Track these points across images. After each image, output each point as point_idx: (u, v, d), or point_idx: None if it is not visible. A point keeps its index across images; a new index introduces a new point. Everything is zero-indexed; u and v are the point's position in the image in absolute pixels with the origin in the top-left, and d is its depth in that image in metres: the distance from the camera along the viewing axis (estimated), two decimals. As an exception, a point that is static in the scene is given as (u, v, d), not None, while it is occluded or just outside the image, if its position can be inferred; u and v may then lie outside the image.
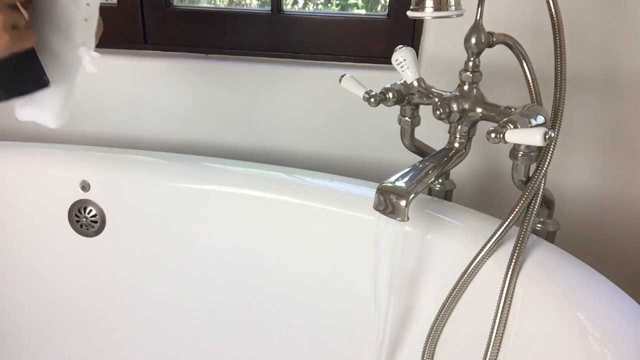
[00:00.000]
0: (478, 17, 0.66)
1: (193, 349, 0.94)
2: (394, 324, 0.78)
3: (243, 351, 0.92)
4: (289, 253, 0.85)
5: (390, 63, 0.74)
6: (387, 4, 0.96)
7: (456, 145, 0.72)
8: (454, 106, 0.68)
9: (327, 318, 0.85)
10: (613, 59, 0.85)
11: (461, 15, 0.64)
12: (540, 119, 0.62)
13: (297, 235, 0.84)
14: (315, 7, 1.13)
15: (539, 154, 0.66)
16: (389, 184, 0.63)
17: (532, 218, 0.65)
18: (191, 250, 0.90)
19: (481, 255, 0.66)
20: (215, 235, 0.88)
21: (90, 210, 0.91)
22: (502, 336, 0.63)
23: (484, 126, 0.67)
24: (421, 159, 0.71)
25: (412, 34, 0.95)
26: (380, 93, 0.74)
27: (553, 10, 0.66)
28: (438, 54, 0.90)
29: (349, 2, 1.10)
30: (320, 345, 0.87)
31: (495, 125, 0.61)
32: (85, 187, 0.90)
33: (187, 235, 0.89)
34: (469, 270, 0.67)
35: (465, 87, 0.69)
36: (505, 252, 0.65)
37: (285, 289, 0.87)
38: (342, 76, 0.77)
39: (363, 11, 1.10)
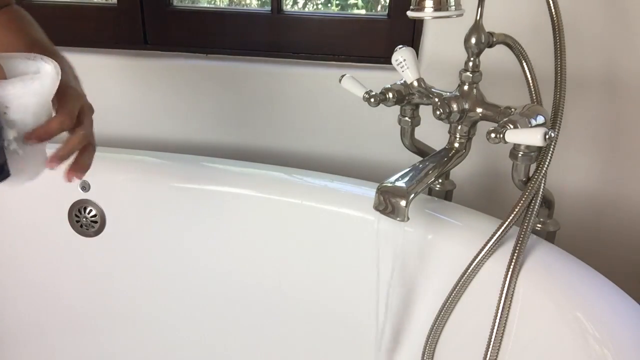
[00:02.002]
0: (478, 17, 0.66)
1: (193, 349, 0.94)
2: (394, 323, 0.78)
3: (243, 351, 0.92)
4: (289, 253, 0.85)
5: (391, 63, 0.74)
6: (387, 4, 0.96)
7: (456, 145, 0.72)
8: (454, 106, 0.68)
9: (326, 317, 0.85)
10: (613, 59, 0.85)
11: (461, 15, 0.64)
12: (540, 119, 0.62)
13: (297, 235, 0.84)
14: (315, 7, 1.13)
15: (539, 154, 0.66)
16: (389, 184, 0.63)
17: (532, 218, 0.65)
18: (191, 250, 0.90)
19: (481, 255, 0.66)
20: (214, 235, 0.88)
21: (90, 210, 0.91)
22: (502, 336, 0.63)
23: (484, 126, 0.67)
24: (421, 159, 0.71)
25: (412, 34, 0.95)
26: (380, 93, 0.74)
27: (553, 10, 0.66)
28: (438, 54, 0.90)
29: (349, 2, 1.10)
30: (320, 345, 0.87)
31: (495, 125, 0.61)
32: (85, 187, 0.90)
33: (187, 235, 0.89)
34: (469, 270, 0.67)
35: (465, 87, 0.69)
36: (505, 252, 0.65)
37: (285, 289, 0.87)
38: (342, 76, 0.78)
39: (363, 11, 1.10)
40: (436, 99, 0.70)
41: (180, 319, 0.93)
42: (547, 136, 0.57)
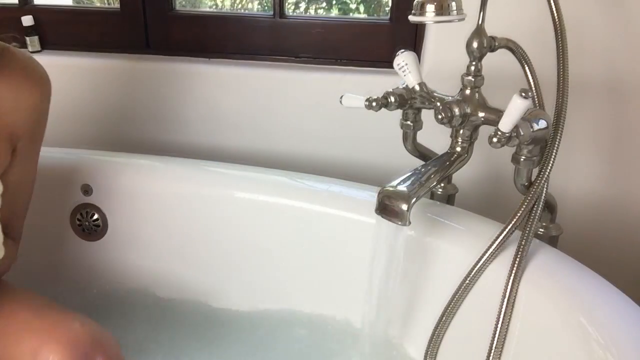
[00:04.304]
0: (480, 22, 0.66)
1: (193, 351, 0.94)
2: (396, 327, 0.78)
3: (244, 353, 0.92)
4: (290, 255, 0.85)
5: (392, 67, 0.74)
6: (390, 8, 0.97)
7: (458, 149, 0.71)
8: (456, 110, 0.68)
9: (327, 319, 0.85)
10: (615, 64, 0.85)
11: (463, 19, 0.64)
12: (543, 123, 0.62)
13: (298, 238, 0.84)
14: (316, 11, 1.13)
15: (541, 158, 0.66)
16: (391, 188, 0.63)
17: (535, 222, 0.65)
18: (192, 253, 0.90)
19: (483, 259, 0.66)
20: (216, 239, 0.88)
21: (93, 214, 0.91)
22: (504, 340, 0.63)
23: (486, 130, 0.67)
24: (423, 163, 0.71)
25: (414, 38, 0.95)
26: (382, 97, 0.74)
27: (555, 14, 0.66)
28: (440, 58, 0.90)
29: (350, 6, 1.10)
30: (320, 346, 0.87)
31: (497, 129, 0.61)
32: (87, 191, 0.90)
33: (188, 238, 0.89)
34: (471, 275, 0.66)
35: (467, 91, 0.69)
36: (507, 256, 0.65)
37: (286, 291, 0.87)
38: (341, 98, 0.77)
39: (365, 15, 1.10)
40: (438, 103, 0.70)
41: (181, 320, 0.93)
42: (523, 94, 0.57)
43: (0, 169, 0.62)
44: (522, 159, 0.66)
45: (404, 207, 0.61)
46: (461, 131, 0.71)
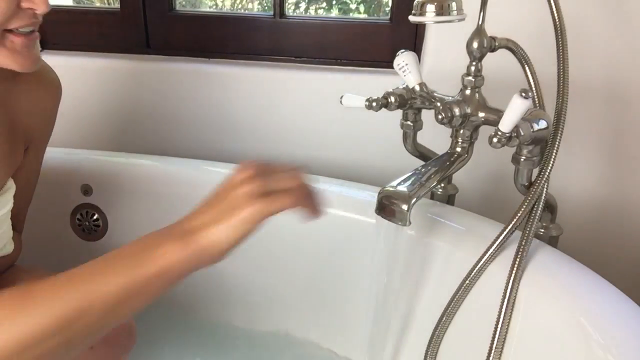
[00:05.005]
0: (480, 22, 0.66)
1: (195, 354, 0.94)
2: (396, 327, 0.78)
3: (248, 353, 0.92)
4: (290, 256, 0.85)
5: (393, 67, 0.74)
6: (390, 8, 0.97)
7: (458, 149, 0.71)
8: (456, 111, 0.68)
9: (327, 321, 0.85)
10: (615, 64, 0.85)
11: (463, 19, 0.64)
12: (543, 124, 0.62)
13: (298, 238, 0.84)
14: (316, 11, 1.13)
15: (541, 158, 0.66)
16: (391, 188, 0.63)
17: (535, 222, 0.65)
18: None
19: (484, 259, 0.66)
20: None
21: (93, 214, 0.91)
22: (504, 341, 0.63)
23: (486, 131, 0.67)
24: (423, 163, 0.71)
25: (414, 38, 0.95)
26: (382, 97, 0.74)
27: (556, 14, 0.66)
28: (440, 58, 0.90)
29: (350, 6, 1.10)
30: (321, 348, 0.87)
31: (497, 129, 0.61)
32: (87, 191, 0.90)
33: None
34: (471, 275, 0.66)
35: (468, 92, 0.69)
36: (507, 256, 0.65)
37: (286, 292, 0.87)
38: (341, 98, 0.77)
39: (365, 16, 1.10)
40: (438, 104, 0.70)
41: (181, 321, 0.93)
42: (523, 95, 0.57)
43: (13, 169, 0.64)
44: (522, 159, 0.66)
45: (404, 207, 0.61)
46: (461, 131, 0.71)
